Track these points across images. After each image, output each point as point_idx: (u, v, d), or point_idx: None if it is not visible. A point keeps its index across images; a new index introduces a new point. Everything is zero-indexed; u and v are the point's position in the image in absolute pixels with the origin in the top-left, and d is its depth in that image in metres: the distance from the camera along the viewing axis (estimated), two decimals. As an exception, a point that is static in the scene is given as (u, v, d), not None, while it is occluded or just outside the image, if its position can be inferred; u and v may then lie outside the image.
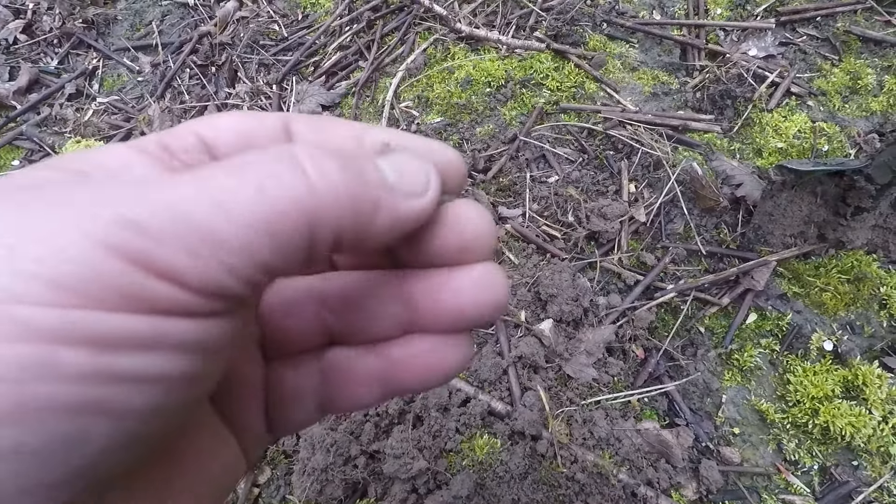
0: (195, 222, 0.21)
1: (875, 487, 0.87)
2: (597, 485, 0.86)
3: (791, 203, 0.99)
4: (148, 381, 0.21)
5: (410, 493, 0.87)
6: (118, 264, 0.20)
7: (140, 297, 0.20)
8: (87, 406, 0.19)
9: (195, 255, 0.21)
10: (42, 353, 0.19)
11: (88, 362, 0.19)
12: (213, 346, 0.23)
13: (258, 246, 0.22)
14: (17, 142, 1.47)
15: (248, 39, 1.55)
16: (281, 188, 0.22)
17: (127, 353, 0.20)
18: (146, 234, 0.20)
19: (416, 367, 0.31)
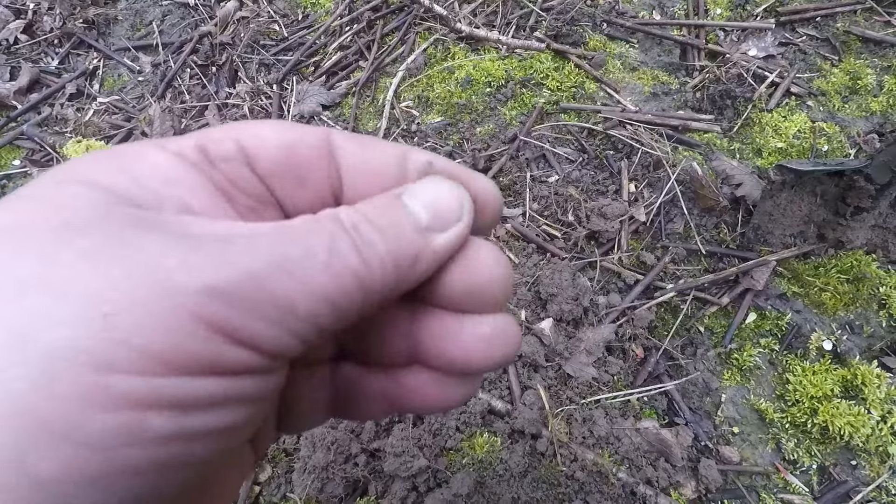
0: (273, 292, 0.22)
1: (873, 487, 0.87)
2: (596, 483, 0.86)
3: (791, 203, 1.00)
4: (217, 433, 0.22)
5: (411, 491, 0.87)
6: (203, 333, 0.21)
7: (219, 363, 0.22)
8: (166, 464, 0.21)
9: (272, 323, 0.23)
10: (132, 420, 0.20)
11: (171, 425, 0.21)
12: (268, 395, 0.25)
13: (323, 314, 0.24)
14: (17, 141, 1.47)
15: (249, 39, 1.55)
16: (343, 264, 0.24)
17: (203, 412, 0.22)
18: (230, 304, 0.22)
19: (421, 396, 0.32)
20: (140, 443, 0.20)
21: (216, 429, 0.22)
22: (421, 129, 1.31)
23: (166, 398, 0.20)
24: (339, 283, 0.24)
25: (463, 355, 0.29)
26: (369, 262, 0.25)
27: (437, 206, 0.28)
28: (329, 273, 0.24)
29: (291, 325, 0.23)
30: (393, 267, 0.25)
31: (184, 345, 0.21)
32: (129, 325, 0.20)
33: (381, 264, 0.25)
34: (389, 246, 0.25)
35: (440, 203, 0.28)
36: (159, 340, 0.20)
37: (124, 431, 0.19)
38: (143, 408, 0.20)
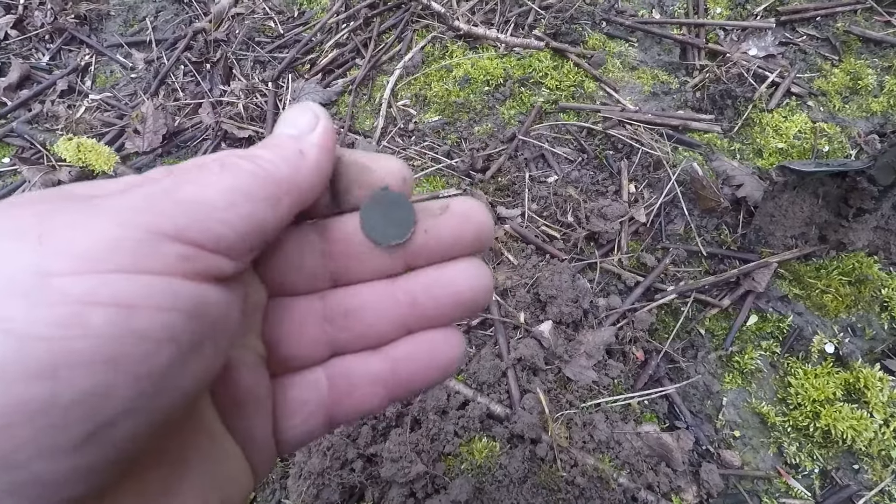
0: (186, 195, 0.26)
1: (876, 491, 0.86)
2: (597, 489, 0.85)
3: (792, 204, 0.99)
4: (161, 340, 0.23)
5: (408, 497, 0.86)
6: (135, 233, 0.24)
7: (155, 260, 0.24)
8: (111, 361, 0.22)
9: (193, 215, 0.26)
10: (74, 312, 0.22)
11: (112, 321, 0.22)
12: (214, 314, 0.26)
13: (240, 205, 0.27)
14: (7, 139, 1.45)
15: (244, 36, 1.53)
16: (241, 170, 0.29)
17: (146, 313, 0.23)
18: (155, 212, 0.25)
19: (417, 363, 0.34)
20: (83, 335, 0.21)
21: (162, 333, 0.23)
22: (418, 128, 1.29)
23: (107, 294, 0.22)
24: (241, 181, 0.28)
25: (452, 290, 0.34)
26: (261, 165, 0.29)
27: (297, 120, 0.33)
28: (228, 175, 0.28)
29: (213, 214, 0.26)
30: (283, 162, 0.30)
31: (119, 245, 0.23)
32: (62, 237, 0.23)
33: (271, 164, 0.30)
34: (273, 152, 0.31)
35: (299, 118, 0.33)
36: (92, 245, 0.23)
37: (67, 323, 0.21)
38: (85, 303, 0.22)
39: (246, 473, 0.33)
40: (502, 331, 0.99)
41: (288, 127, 0.33)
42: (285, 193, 0.30)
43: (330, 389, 0.35)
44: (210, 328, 0.26)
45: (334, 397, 0.35)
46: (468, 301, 0.34)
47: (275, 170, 0.30)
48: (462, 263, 0.34)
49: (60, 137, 1.37)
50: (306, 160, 0.32)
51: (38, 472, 0.21)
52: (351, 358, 0.35)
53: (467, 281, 0.34)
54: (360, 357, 0.35)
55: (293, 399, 0.34)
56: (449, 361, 0.35)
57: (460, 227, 0.34)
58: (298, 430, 0.35)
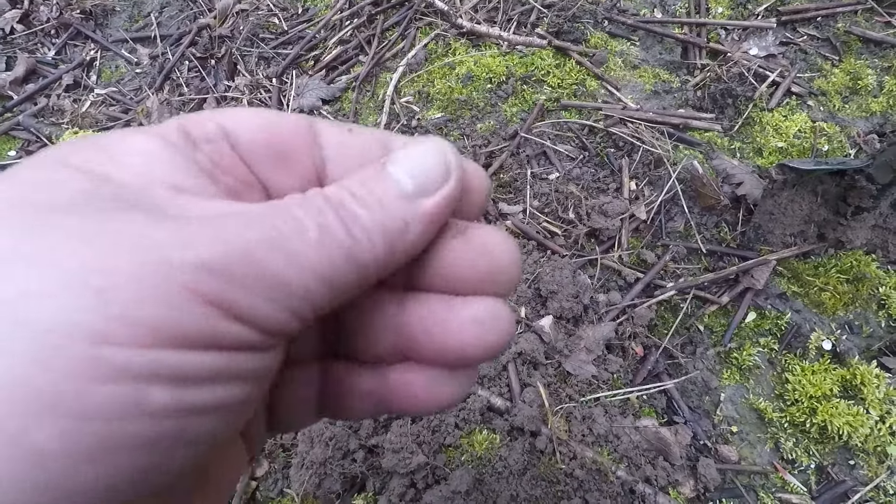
0: (266, 268, 0.23)
1: (871, 487, 0.87)
2: (595, 481, 0.86)
3: (792, 202, 0.99)
4: (218, 409, 0.22)
5: (409, 487, 0.87)
6: (199, 308, 0.21)
7: (217, 337, 0.22)
8: (166, 439, 0.21)
9: (267, 298, 0.23)
10: (132, 392, 0.20)
11: (171, 398, 0.20)
12: (266, 374, 0.25)
13: (315, 290, 0.24)
14: (13, 132, 1.46)
15: (248, 32, 1.54)
16: (331, 238, 0.24)
17: (203, 386, 0.22)
18: (226, 279, 0.22)
19: (409, 396, 0.31)
20: (140, 416, 0.20)
21: (215, 404, 0.22)
22: (421, 125, 1.30)
23: (165, 371, 0.20)
24: (330, 258, 0.24)
25: (455, 339, 0.28)
26: (356, 235, 0.25)
27: (422, 170, 0.27)
28: (318, 248, 0.24)
29: (286, 301, 0.23)
30: (382, 237, 0.25)
31: (181, 318, 0.21)
32: (123, 299, 0.20)
33: (368, 236, 0.25)
34: (375, 216, 0.25)
35: (424, 166, 0.27)
36: (156, 314, 0.20)
37: (123, 403, 0.19)
38: (143, 380, 0.20)
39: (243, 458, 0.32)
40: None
41: (406, 172, 0.27)
42: (370, 279, 0.26)
43: (322, 388, 0.33)
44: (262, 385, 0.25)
45: (324, 398, 0.33)
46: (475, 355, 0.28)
47: (369, 251, 0.25)
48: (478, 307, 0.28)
49: (66, 131, 1.38)
50: (406, 238, 0.26)
51: None
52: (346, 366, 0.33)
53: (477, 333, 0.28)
54: (355, 370, 0.32)
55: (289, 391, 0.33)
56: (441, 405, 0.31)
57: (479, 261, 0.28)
58: (288, 419, 0.34)
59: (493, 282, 0.28)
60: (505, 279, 0.28)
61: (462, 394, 0.31)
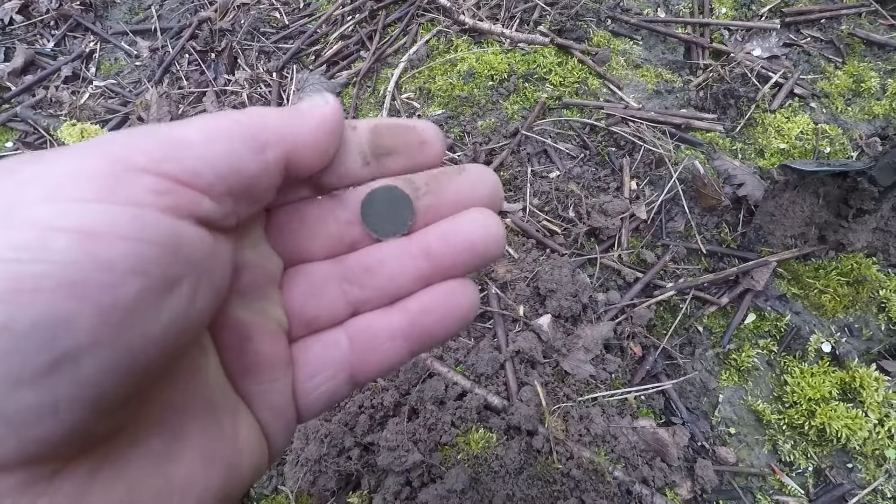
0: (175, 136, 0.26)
1: (869, 490, 0.87)
2: (592, 481, 0.86)
3: (793, 203, 0.99)
4: (126, 270, 0.23)
5: (404, 485, 0.86)
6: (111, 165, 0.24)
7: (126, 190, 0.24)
8: (70, 287, 0.21)
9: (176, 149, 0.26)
10: (35, 236, 0.21)
11: (73, 246, 0.22)
12: (191, 252, 0.25)
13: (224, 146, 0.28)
14: (11, 123, 1.45)
15: (249, 26, 1.53)
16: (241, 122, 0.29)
17: (109, 241, 0.22)
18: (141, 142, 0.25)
19: (436, 313, 0.35)
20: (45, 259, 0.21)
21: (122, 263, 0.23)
22: (421, 121, 1.29)
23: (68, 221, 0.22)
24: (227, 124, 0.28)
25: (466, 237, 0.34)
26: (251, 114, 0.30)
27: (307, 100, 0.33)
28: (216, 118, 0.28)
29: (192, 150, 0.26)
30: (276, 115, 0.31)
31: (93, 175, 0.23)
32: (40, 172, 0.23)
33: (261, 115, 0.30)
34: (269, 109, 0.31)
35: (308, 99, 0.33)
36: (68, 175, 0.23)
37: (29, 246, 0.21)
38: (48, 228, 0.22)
39: (259, 445, 0.32)
40: (501, 323, 1.00)
41: None
42: (273, 143, 0.30)
43: (351, 348, 0.35)
44: (187, 267, 0.25)
45: (356, 355, 0.35)
46: (481, 249, 0.34)
47: (261, 119, 0.30)
48: (473, 213, 0.35)
49: (64, 123, 1.37)
50: (302, 117, 0.32)
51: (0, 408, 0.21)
52: (370, 315, 0.36)
53: (480, 229, 0.34)
54: (378, 313, 0.36)
55: (314, 360, 0.35)
56: (466, 310, 0.35)
57: (475, 186, 0.36)
58: (320, 390, 0.35)
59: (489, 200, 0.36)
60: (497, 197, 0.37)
61: (476, 299, 0.36)
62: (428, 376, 0.95)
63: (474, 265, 0.35)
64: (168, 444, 0.27)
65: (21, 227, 0.21)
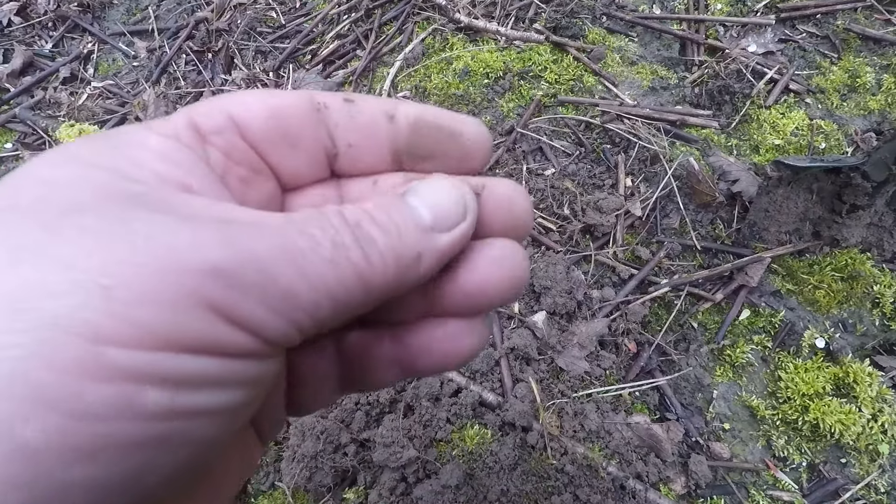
0: (277, 280, 0.23)
1: (863, 485, 0.87)
2: (586, 477, 0.86)
3: (787, 199, 0.99)
4: (214, 414, 0.22)
5: (400, 481, 0.87)
6: (204, 313, 0.21)
7: (218, 343, 0.22)
8: (159, 441, 0.21)
9: (273, 310, 0.23)
10: (126, 392, 0.20)
11: (166, 401, 0.20)
12: (265, 380, 0.25)
13: (323, 306, 0.24)
14: (9, 124, 1.46)
15: (246, 26, 1.54)
16: (346, 258, 0.24)
17: (198, 391, 0.22)
18: (234, 286, 0.22)
19: (433, 352, 0.31)
20: (133, 417, 0.20)
21: (211, 409, 0.22)
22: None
23: (163, 374, 0.20)
24: (341, 277, 0.24)
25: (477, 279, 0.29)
26: (371, 257, 0.25)
27: (441, 206, 0.28)
28: (332, 266, 0.24)
29: (291, 314, 0.23)
30: (395, 264, 0.26)
31: (184, 322, 0.21)
32: (128, 299, 0.20)
33: (382, 260, 0.25)
34: (391, 242, 0.26)
35: (444, 202, 0.28)
36: (159, 316, 0.20)
37: (118, 403, 0.19)
38: (139, 381, 0.20)
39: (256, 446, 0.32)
40: (496, 320, 1.00)
41: (426, 205, 0.28)
42: (377, 299, 0.26)
43: (342, 364, 0.33)
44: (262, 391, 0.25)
45: (346, 371, 0.33)
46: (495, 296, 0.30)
47: (381, 276, 0.25)
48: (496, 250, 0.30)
49: (63, 124, 1.38)
50: (419, 269, 0.27)
51: None
52: (366, 335, 0.33)
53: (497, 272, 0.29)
54: (374, 337, 0.33)
55: (305, 370, 0.33)
56: (469, 354, 0.32)
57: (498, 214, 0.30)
58: (309, 399, 0.34)
59: (513, 229, 0.30)
60: (522, 225, 0.31)
61: (481, 343, 0.32)
62: (423, 373, 0.95)
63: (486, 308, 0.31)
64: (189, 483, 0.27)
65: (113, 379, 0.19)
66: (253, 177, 0.30)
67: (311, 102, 0.30)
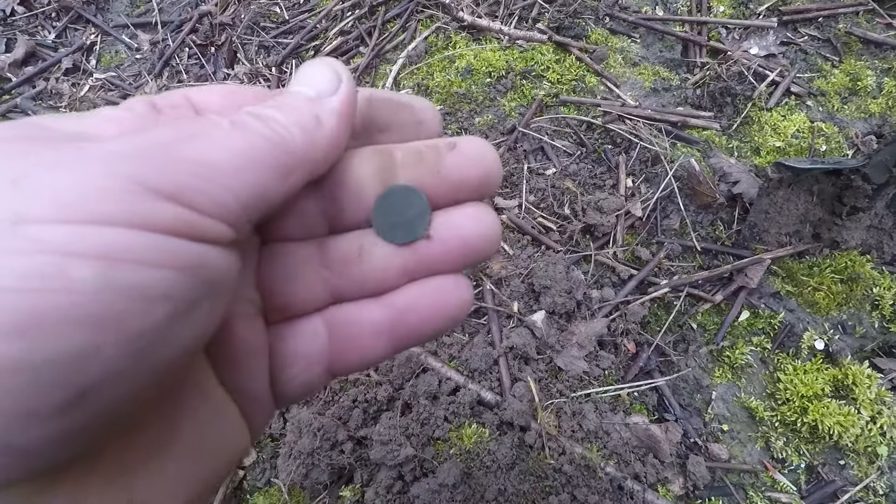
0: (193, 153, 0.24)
1: (861, 487, 0.87)
2: (584, 477, 0.86)
3: (787, 201, 0.99)
4: (154, 298, 0.22)
5: (396, 479, 0.87)
6: (130, 187, 0.22)
7: (147, 216, 0.22)
8: (96, 319, 0.20)
9: (198, 176, 0.24)
10: (51, 264, 0.19)
11: (97, 275, 0.20)
12: (212, 274, 0.24)
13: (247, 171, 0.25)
14: (11, 114, 1.45)
15: (249, 21, 1.54)
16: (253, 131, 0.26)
17: (134, 268, 0.21)
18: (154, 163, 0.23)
19: (422, 311, 0.32)
20: (61, 290, 0.19)
21: (152, 291, 0.21)
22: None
23: (90, 247, 0.20)
24: (250, 141, 0.26)
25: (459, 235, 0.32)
26: (274, 129, 0.27)
27: (316, 79, 0.31)
28: (239, 136, 0.26)
29: (217, 179, 0.24)
30: (299, 129, 0.28)
31: (107, 196, 0.21)
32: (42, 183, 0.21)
33: (285, 129, 0.27)
34: (288, 116, 0.28)
35: (318, 76, 0.31)
36: (78, 193, 0.21)
37: (43, 274, 0.19)
38: (65, 254, 0.20)
39: (241, 429, 0.31)
40: (495, 319, 1.00)
41: (305, 86, 0.30)
42: (297, 165, 0.28)
43: (330, 339, 0.33)
44: (207, 288, 0.24)
45: (335, 347, 0.33)
46: (475, 247, 0.32)
47: (289, 138, 0.27)
48: (469, 208, 0.32)
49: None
50: (323, 129, 0.29)
51: (12, 441, 0.19)
52: (351, 306, 0.33)
53: (475, 227, 0.32)
54: (360, 305, 0.33)
55: (291, 349, 0.32)
56: (457, 309, 0.33)
57: (469, 168, 0.32)
58: (297, 381, 0.33)
59: (486, 179, 0.33)
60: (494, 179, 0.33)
61: (468, 298, 0.33)
62: (421, 371, 0.95)
63: (467, 264, 0.33)
64: (162, 440, 0.27)
65: (34, 252, 0.19)
66: None
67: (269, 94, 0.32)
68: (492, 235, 0.32)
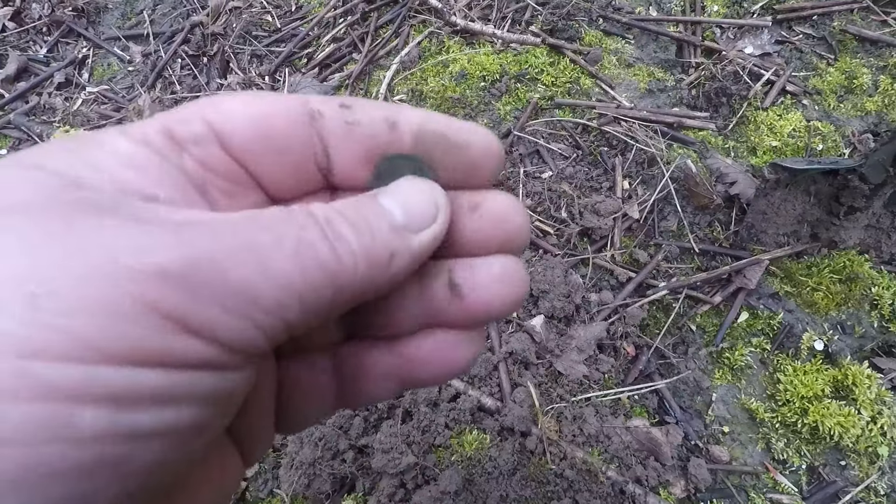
0: (233, 278, 0.21)
1: (862, 487, 0.87)
2: (585, 482, 0.86)
3: (785, 202, 0.99)
4: (163, 435, 0.20)
5: (398, 487, 0.87)
6: (150, 319, 0.19)
7: (167, 353, 0.19)
8: (99, 467, 0.18)
9: (230, 311, 0.21)
10: (58, 413, 0.17)
11: (107, 421, 0.18)
12: (227, 396, 0.22)
13: (288, 307, 0.22)
14: (4, 130, 1.45)
15: (241, 30, 1.53)
16: (312, 255, 0.23)
17: (146, 408, 0.19)
18: (183, 288, 0.20)
19: (432, 363, 0.31)
20: (68, 440, 0.17)
21: (159, 429, 0.20)
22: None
23: (101, 390, 0.18)
24: (307, 274, 0.22)
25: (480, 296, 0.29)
26: (340, 255, 0.24)
27: (414, 206, 0.27)
28: (296, 262, 0.22)
29: (253, 315, 0.21)
30: (366, 263, 0.24)
31: (126, 331, 0.18)
32: (60, 308, 0.18)
33: (353, 259, 0.24)
34: (363, 241, 0.24)
35: (416, 203, 0.27)
36: (94, 324, 0.18)
37: (48, 425, 0.17)
38: (73, 400, 0.18)
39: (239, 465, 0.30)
40: (494, 325, 1.00)
41: (398, 205, 0.27)
42: (346, 302, 0.25)
43: (338, 377, 0.32)
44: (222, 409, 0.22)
45: (342, 384, 0.32)
46: (499, 310, 0.30)
47: (350, 271, 0.24)
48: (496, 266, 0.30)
49: (57, 129, 1.38)
50: (391, 270, 0.26)
51: None
52: (362, 347, 0.31)
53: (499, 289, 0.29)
54: (371, 349, 0.31)
55: (302, 384, 0.31)
56: (464, 365, 0.31)
57: (490, 232, 0.30)
58: (305, 414, 0.32)
59: (508, 246, 0.30)
60: (518, 242, 0.30)
61: (478, 353, 0.32)
62: (421, 379, 0.95)
63: (487, 323, 0.31)
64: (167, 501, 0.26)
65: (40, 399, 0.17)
66: (236, 188, 0.28)
67: (304, 109, 0.28)
68: (517, 296, 0.30)
